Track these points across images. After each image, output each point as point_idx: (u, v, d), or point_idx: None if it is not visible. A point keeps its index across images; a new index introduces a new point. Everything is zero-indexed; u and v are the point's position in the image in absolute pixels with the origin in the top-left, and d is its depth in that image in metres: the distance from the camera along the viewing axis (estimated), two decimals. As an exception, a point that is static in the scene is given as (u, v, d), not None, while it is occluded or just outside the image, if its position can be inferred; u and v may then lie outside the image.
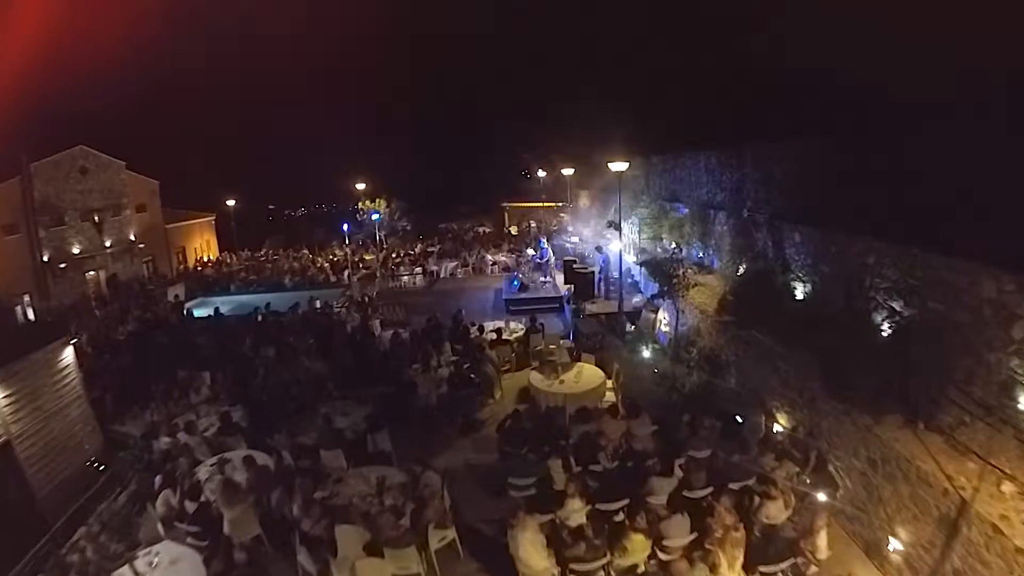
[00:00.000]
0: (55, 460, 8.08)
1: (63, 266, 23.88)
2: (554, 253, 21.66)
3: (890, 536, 6.24)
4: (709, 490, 6.41)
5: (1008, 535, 4.72)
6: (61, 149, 24.50)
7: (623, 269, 14.39)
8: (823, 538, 5.66)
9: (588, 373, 10.10)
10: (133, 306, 19.86)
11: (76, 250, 24.69)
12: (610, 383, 10.14)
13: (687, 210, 15.05)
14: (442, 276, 24.16)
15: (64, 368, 8.31)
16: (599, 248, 17.60)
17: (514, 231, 34.83)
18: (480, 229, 36.46)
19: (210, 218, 36.69)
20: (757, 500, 6.20)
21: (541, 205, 35.46)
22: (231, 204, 35.67)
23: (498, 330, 13.04)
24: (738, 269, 11.89)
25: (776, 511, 6.05)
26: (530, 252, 24.02)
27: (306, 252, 30.74)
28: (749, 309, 9.89)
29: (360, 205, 32.77)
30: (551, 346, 11.86)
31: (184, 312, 18.64)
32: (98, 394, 10.71)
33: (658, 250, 16.19)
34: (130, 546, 7.13)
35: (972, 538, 5.29)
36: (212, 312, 17.34)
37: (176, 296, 21.32)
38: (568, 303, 16.15)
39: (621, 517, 6.18)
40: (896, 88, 10.07)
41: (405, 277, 23.71)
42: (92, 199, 25.62)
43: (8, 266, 21.72)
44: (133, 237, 27.79)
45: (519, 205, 38.76)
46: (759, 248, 11.24)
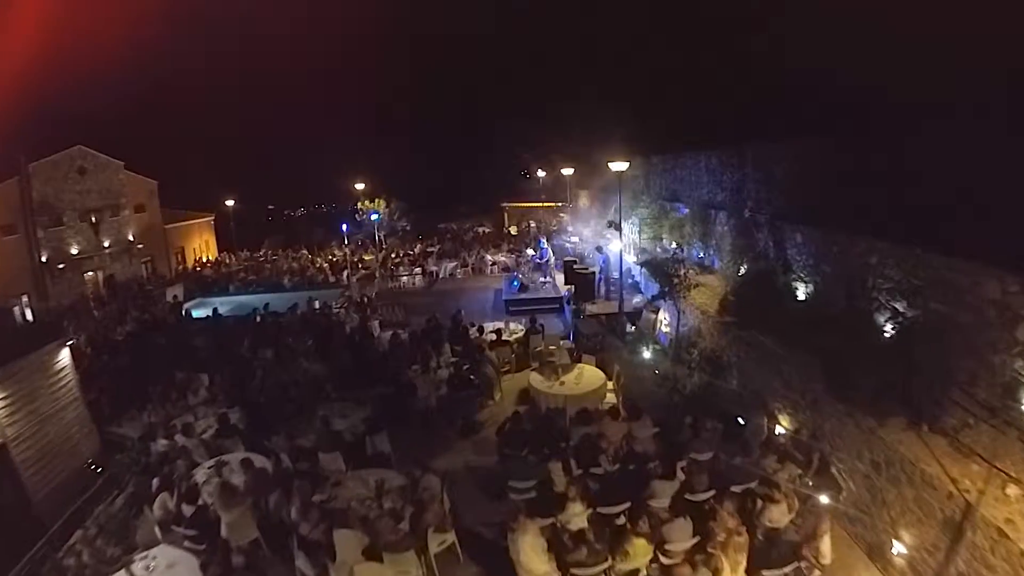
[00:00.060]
0: (51, 463, 8.04)
1: (61, 266, 23.82)
2: (554, 253, 21.60)
3: (894, 539, 6.20)
4: (711, 493, 6.35)
5: (1014, 539, 4.68)
6: (59, 149, 24.40)
7: (623, 269, 14.33)
8: (827, 543, 5.61)
9: (588, 374, 10.04)
10: (131, 307, 19.80)
11: (74, 250, 24.62)
12: (611, 384, 10.08)
13: (687, 210, 15.00)
14: (441, 276, 24.10)
15: (60, 370, 8.25)
16: (599, 248, 17.54)
17: (514, 231, 34.76)
18: (480, 229, 36.37)
19: (209, 218, 36.60)
20: (760, 503, 6.13)
21: (541, 205, 35.42)
22: (230, 204, 35.60)
23: (498, 331, 12.98)
24: (739, 269, 11.84)
25: (779, 514, 5.99)
26: (530, 252, 23.96)
27: (305, 252, 30.65)
28: (751, 310, 9.84)
29: (359, 205, 32.70)
30: (551, 347, 11.79)
31: (183, 313, 18.55)
32: (95, 395, 10.68)
33: (658, 250, 16.15)
34: (127, 549, 7.06)
35: (977, 542, 5.25)
36: (210, 313, 17.28)
37: (175, 297, 21.26)
38: (568, 303, 16.09)
39: (622, 520, 6.12)
40: (897, 88, 10.02)
41: (404, 277, 23.66)
42: (91, 199, 25.53)
43: (6, 266, 21.64)
44: (132, 237, 27.72)
45: (519, 205, 38.71)
46: (760, 248, 11.20)
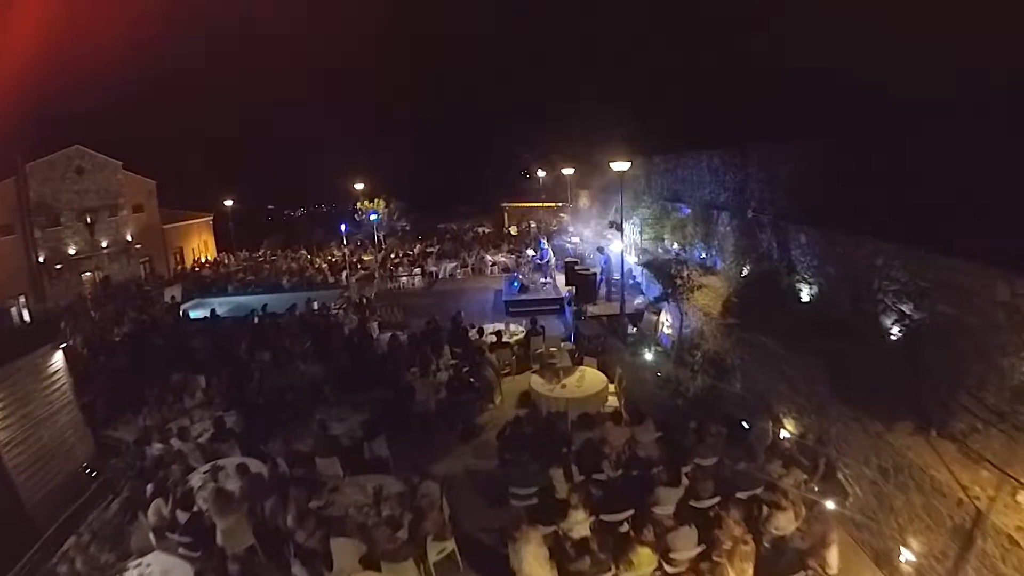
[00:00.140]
0: (45, 467, 7.92)
1: (59, 267, 23.67)
2: (554, 253, 21.47)
3: (901, 546, 6.10)
4: (716, 500, 6.23)
5: (1025, 548, 4.58)
6: (57, 149, 24.24)
7: (624, 270, 14.21)
8: (834, 553, 5.49)
9: (590, 377, 9.91)
10: (129, 307, 19.67)
11: (72, 251, 24.48)
12: (612, 387, 9.94)
13: (689, 210, 14.89)
14: (441, 277, 23.99)
15: (54, 373, 8.12)
16: (600, 249, 17.42)
17: (514, 231, 34.61)
18: (479, 229, 36.23)
19: (208, 218, 36.47)
20: (766, 510, 6.02)
21: (541, 205, 35.32)
22: (229, 204, 35.45)
23: (498, 332, 12.86)
24: (742, 270, 11.73)
25: (786, 522, 5.88)
26: (530, 253, 23.84)
27: (304, 253, 30.52)
28: (754, 311, 9.73)
29: (359, 205, 32.57)
30: (552, 349, 11.66)
31: (180, 313, 18.42)
32: (91, 398, 10.55)
33: (659, 251, 16.03)
34: (121, 556, 6.95)
35: (987, 550, 5.16)
36: (208, 314, 17.16)
37: (172, 297, 21.16)
38: (569, 304, 15.97)
39: (626, 528, 6.00)
40: (903, 87, 9.90)
41: (404, 278, 23.53)
42: (88, 199, 25.39)
43: (3, 267, 21.49)
44: (130, 238, 27.60)
45: (519, 205, 38.60)
46: (763, 249, 11.09)
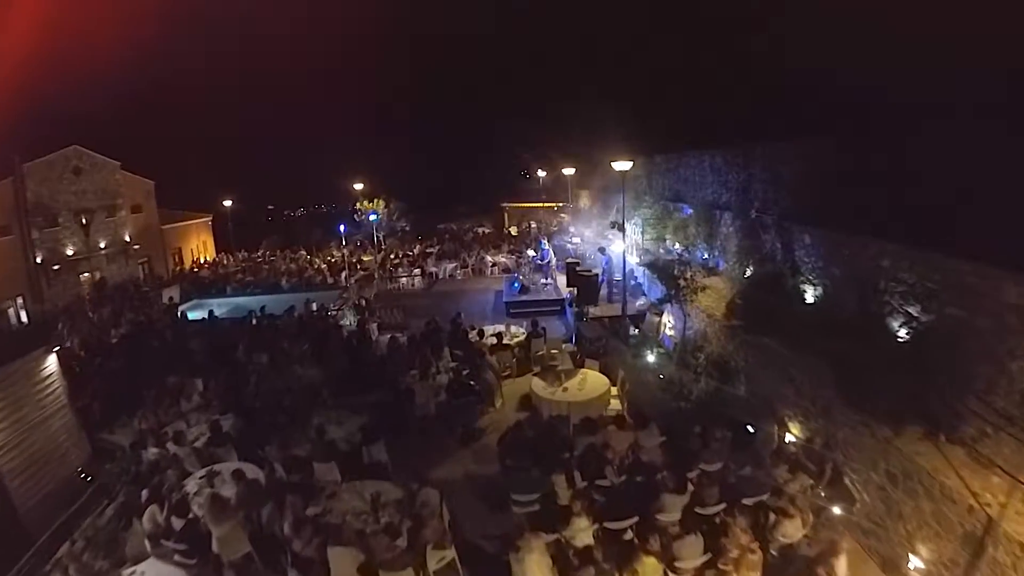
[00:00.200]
0: (38, 473, 7.80)
1: (57, 268, 23.53)
2: (555, 254, 21.35)
3: (910, 553, 5.99)
4: (722, 506, 6.10)
5: (1038, 556, 4.46)
6: (55, 149, 24.12)
7: (626, 271, 14.08)
8: (843, 563, 5.36)
9: (592, 380, 9.77)
10: (127, 308, 19.54)
11: (70, 251, 24.35)
12: (615, 390, 9.79)
13: (691, 211, 14.76)
14: (441, 278, 23.87)
15: (47, 377, 7.99)
16: (602, 249, 17.29)
17: (514, 232, 34.47)
18: (479, 230, 36.09)
19: (207, 219, 36.34)
20: (773, 517, 5.89)
21: (541, 205, 35.20)
22: (228, 205, 35.31)
23: (498, 334, 12.72)
24: (745, 271, 11.61)
25: (793, 529, 5.75)
26: (530, 253, 23.71)
27: (303, 253, 30.38)
28: (758, 313, 9.60)
29: (358, 205, 32.45)
30: (553, 351, 11.54)
31: (178, 315, 18.27)
32: (88, 401, 10.41)
33: (661, 251, 15.90)
34: (115, 563, 6.85)
35: (999, 558, 5.07)
36: (206, 315, 17.02)
37: (170, 298, 21.03)
38: (570, 306, 15.84)
39: (630, 536, 5.87)
40: (908, 87, 9.78)
41: (403, 279, 23.41)
42: (86, 200, 25.27)
43: (1, 268, 21.36)
44: (128, 238, 27.47)
45: (519, 205, 38.48)
46: (767, 250, 10.97)
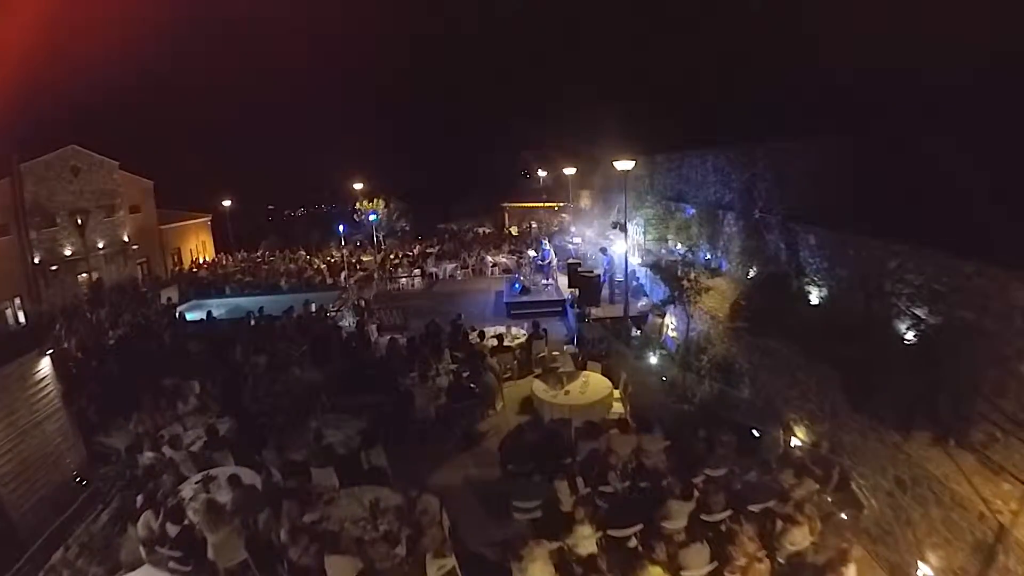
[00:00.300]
0: (32, 478, 7.65)
1: (55, 268, 23.37)
2: (555, 254, 21.21)
3: (919, 560, 5.88)
4: (728, 513, 5.97)
5: (1051, 565, 4.34)
6: (52, 149, 23.94)
7: (627, 271, 13.94)
8: (852, 571, 5.24)
9: (594, 383, 9.61)
10: (125, 309, 19.39)
11: (68, 252, 24.18)
12: (617, 393, 9.63)
13: (694, 211, 14.63)
14: (441, 278, 23.73)
15: (40, 380, 7.84)
16: (604, 250, 17.16)
17: (514, 232, 34.32)
18: (480, 230, 35.96)
19: (206, 219, 36.18)
20: (780, 524, 5.77)
21: (542, 205, 35.05)
22: (227, 204, 35.17)
23: (499, 336, 12.57)
24: (748, 272, 11.48)
25: (801, 537, 5.62)
26: (531, 253, 23.57)
27: (303, 253, 30.23)
28: (763, 315, 9.47)
29: (358, 205, 32.31)
30: (554, 353, 11.41)
31: (176, 315, 18.12)
32: (84, 403, 10.28)
33: (663, 252, 15.77)
34: (110, 569, 6.74)
35: (1010, 566, 4.97)
36: (204, 316, 16.87)
37: (168, 299, 20.89)
38: (571, 306, 15.70)
39: (634, 544, 5.74)
40: (914, 85, 9.63)
41: (403, 279, 23.27)
42: (85, 200, 25.11)
43: (-2, 268, 21.25)
44: (127, 238, 27.30)
45: (519, 205, 38.31)
46: (771, 251, 10.84)
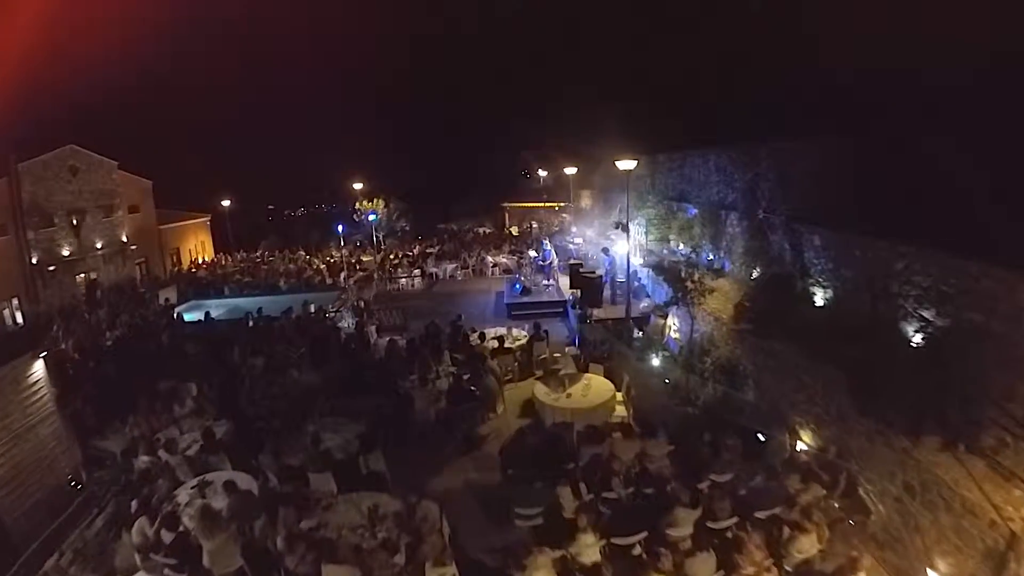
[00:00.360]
0: (25, 482, 7.54)
1: (53, 269, 23.25)
2: (556, 254, 21.09)
3: (928, 568, 5.77)
4: (734, 520, 5.84)
5: (1064, 575, 4.23)
6: (50, 148, 23.81)
7: (629, 272, 13.81)
8: (863, 580, 5.12)
9: (597, 386, 9.44)
10: (122, 310, 19.26)
11: (66, 252, 24.07)
12: (620, 396, 9.48)
13: (696, 211, 14.51)
14: (441, 278, 23.61)
15: (33, 384, 7.72)
16: (606, 250, 17.03)
17: (515, 232, 34.19)
18: (480, 230, 35.83)
19: (205, 219, 36.06)
20: (787, 532, 5.64)
21: (542, 205, 34.93)
22: (226, 204, 35.04)
23: (500, 337, 12.42)
24: (751, 273, 11.36)
25: (809, 545, 5.49)
26: (532, 253, 23.44)
27: (302, 253, 30.11)
28: (767, 316, 9.35)
29: (358, 205, 32.20)
30: (556, 354, 11.27)
31: (174, 316, 17.98)
32: (80, 405, 10.14)
33: (665, 252, 15.65)
34: (105, 576, 6.62)
35: (1022, 574, 4.83)
36: (202, 316, 16.74)
37: (166, 299, 20.75)
38: (573, 307, 15.57)
39: (639, 552, 5.60)
40: (920, 84, 9.51)
41: (403, 279, 23.15)
42: (83, 200, 24.99)
43: (-4, 269, 21.13)
44: (126, 238, 27.17)
45: (520, 205, 38.18)
46: (775, 252, 10.72)
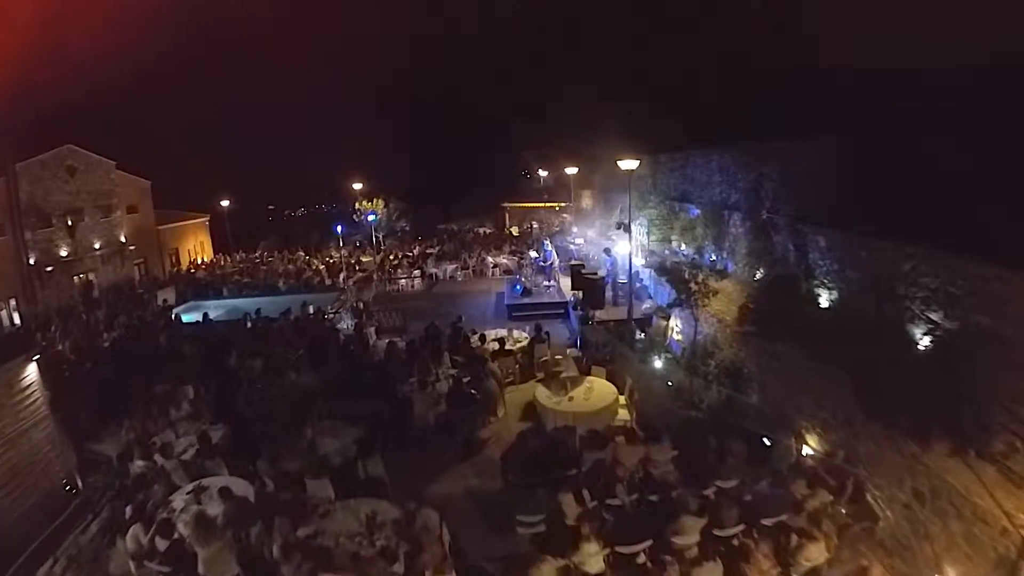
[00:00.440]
0: (18, 488, 7.42)
1: (50, 269, 23.11)
2: (557, 255, 20.97)
3: (937, 575, 5.66)
4: (740, 528, 5.71)
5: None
6: (48, 148, 23.65)
7: (631, 273, 13.69)
8: (875, 591, 4.99)
9: (599, 389, 9.30)
10: (120, 311, 19.13)
11: (64, 252, 23.93)
12: (622, 399, 9.32)
13: (699, 211, 14.39)
14: (441, 279, 23.49)
15: (26, 387, 7.59)
16: (607, 251, 16.91)
17: (515, 232, 34.07)
18: (480, 230, 35.72)
19: (204, 219, 35.92)
20: (795, 539, 5.52)
21: (543, 205, 34.85)
22: (225, 205, 34.91)
23: (500, 339, 12.29)
24: (755, 275, 11.24)
25: (818, 553, 5.37)
26: (532, 254, 23.32)
27: (302, 254, 29.98)
28: (771, 318, 9.24)
29: (357, 205, 32.09)
30: (557, 356, 11.14)
31: (172, 317, 17.85)
32: (76, 407, 10.01)
33: (667, 253, 15.54)
34: (98, 583, 6.50)
35: (1035, 584, 4.73)
36: (200, 318, 16.61)
37: (165, 300, 20.62)
38: (574, 309, 15.45)
39: (643, 560, 5.48)
40: (927, 83, 9.39)
41: (403, 280, 23.03)
42: (81, 200, 24.86)
43: (-7, 269, 21.00)
44: (124, 239, 27.05)
45: (520, 205, 38.10)
46: (779, 253, 10.60)
